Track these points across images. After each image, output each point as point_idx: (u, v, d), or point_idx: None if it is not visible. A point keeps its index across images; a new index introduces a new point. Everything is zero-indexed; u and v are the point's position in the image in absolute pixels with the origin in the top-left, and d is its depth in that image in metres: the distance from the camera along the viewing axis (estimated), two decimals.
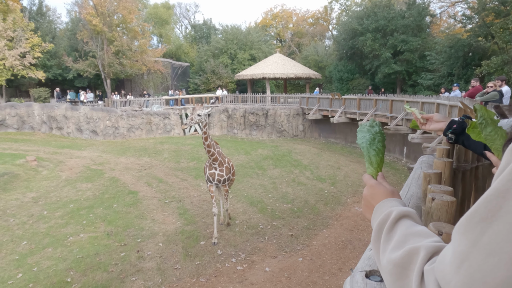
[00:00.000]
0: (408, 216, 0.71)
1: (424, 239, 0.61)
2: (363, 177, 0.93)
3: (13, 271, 6.34)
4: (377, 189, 0.85)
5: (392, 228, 0.68)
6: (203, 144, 6.88)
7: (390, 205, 0.77)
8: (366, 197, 0.87)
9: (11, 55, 23.68)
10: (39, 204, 9.81)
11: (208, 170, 7.26)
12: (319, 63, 34.72)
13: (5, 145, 17.43)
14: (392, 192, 0.84)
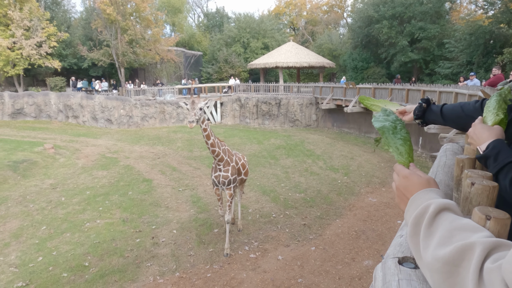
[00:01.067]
0: (449, 209, 0.66)
1: (473, 234, 0.57)
2: (395, 167, 0.88)
3: (34, 254, 6.55)
4: (411, 180, 0.80)
5: (432, 222, 0.64)
6: (206, 143, 5.84)
7: (427, 197, 0.72)
8: (400, 188, 0.82)
9: (28, 45, 24.06)
10: (57, 190, 10.06)
11: (213, 173, 6.31)
12: (333, 52, 34.14)
13: (24, 133, 17.86)
14: (428, 181, 0.78)
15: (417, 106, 1.47)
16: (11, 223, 7.90)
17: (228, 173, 6.19)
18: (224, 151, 6.14)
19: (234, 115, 24.22)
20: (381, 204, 9.24)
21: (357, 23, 28.59)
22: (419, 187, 0.77)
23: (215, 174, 6.24)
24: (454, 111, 1.33)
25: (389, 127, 0.94)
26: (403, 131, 0.95)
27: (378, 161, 13.58)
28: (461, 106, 1.32)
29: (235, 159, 6.46)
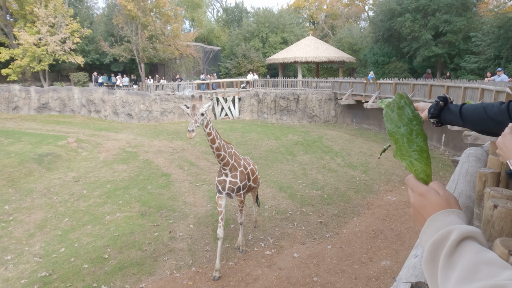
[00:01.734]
0: (473, 238, 0.58)
1: (502, 271, 0.50)
2: (407, 180, 0.77)
3: (57, 245, 6.78)
4: (428, 198, 0.71)
5: (453, 251, 0.57)
6: (211, 148, 5.37)
7: (448, 221, 0.64)
8: (415, 207, 0.73)
9: (53, 41, 24.75)
10: (79, 183, 10.36)
11: (217, 176, 5.77)
12: (354, 46, 33.46)
13: (49, 127, 18.46)
14: (448, 201, 0.70)
15: (433, 104, 1.37)
16: (36, 214, 8.20)
17: (237, 179, 5.64)
18: (230, 155, 5.58)
19: (252, 110, 24.20)
20: (401, 203, 9.03)
21: (378, 16, 27.88)
22: (438, 207, 0.69)
23: (219, 178, 5.67)
24: (475, 112, 1.23)
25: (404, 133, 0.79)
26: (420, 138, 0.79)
27: None
28: (483, 107, 1.21)
29: (243, 163, 5.92)
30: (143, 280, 5.66)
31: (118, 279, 5.66)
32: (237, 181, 5.65)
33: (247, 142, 15.89)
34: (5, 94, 22.14)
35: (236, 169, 5.68)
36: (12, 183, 10.05)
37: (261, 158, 13.30)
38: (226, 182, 5.63)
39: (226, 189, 5.66)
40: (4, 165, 10.92)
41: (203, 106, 4.97)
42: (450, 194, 0.72)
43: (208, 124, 5.21)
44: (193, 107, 4.87)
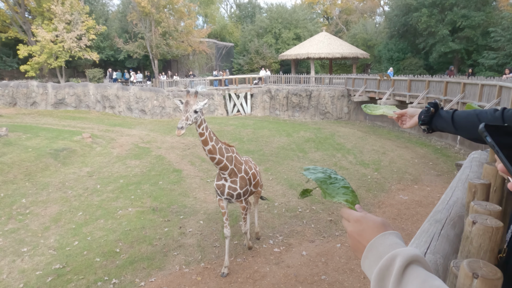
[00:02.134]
0: (418, 262, 0.57)
1: None
2: (342, 212, 0.79)
3: (70, 238, 6.96)
4: (365, 223, 0.71)
5: (400, 279, 0.56)
6: (203, 149, 4.98)
7: (388, 244, 0.63)
8: (353, 234, 0.73)
9: (69, 38, 25.24)
10: (93, 178, 10.58)
11: (216, 180, 5.43)
12: (368, 42, 32.96)
13: (65, 122, 18.88)
14: (383, 223, 0.70)
15: (423, 110, 1.33)
16: (51, 208, 8.42)
17: (237, 185, 5.27)
18: (229, 159, 5.13)
19: (264, 107, 24.17)
20: (413, 202, 8.90)
21: (394, 11, 27.37)
22: (375, 230, 0.68)
23: (218, 182, 5.32)
24: (468, 120, 1.19)
25: (323, 177, 0.90)
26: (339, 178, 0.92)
27: (412, 156, 13.06)
28: (477, 114, 1.17)
29: (245, 168, 5.44)
30: (153, 274, 5.76)
31: (129, 273, 5.78)
32: (236, 188, 5.27)
33: (259, 139, 15.89)
34: (23, 90, 22.72)
35: (236, 175, 5.28)
36: (29, 177, 10.34)
37: (272, 155, 13.29)
38: (225, 187, 5.26)
39: (225, 194, 5.33)
40: (22, 159, 11.23)
41: (197, 103, 4.62)
42: (383, 218, 0.73)
43: (201, 123, 4.81)
44: (186, 103, 4.53)
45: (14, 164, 10.80)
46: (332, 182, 0.89)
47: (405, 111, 1.38)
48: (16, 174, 10.30)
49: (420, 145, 14.96)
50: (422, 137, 16.43)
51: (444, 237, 0.71)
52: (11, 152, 11.58)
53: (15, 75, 29.08)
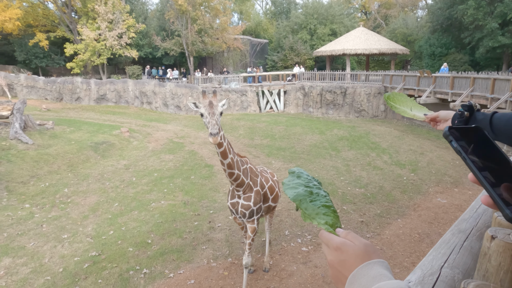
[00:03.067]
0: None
1: None
2: (320, 235, 0.71)
3: (106, 228, 7.29)
4: (346, 251, 0.63)
5: None
6: (221, 164, 4.15)
7: (372, 276, 0.56)
8: (334, 265, 0.65)
9: (111, 36, 26.42)
10: (129, 171, 11.02)
11: (229, 198, 4.67)
12: (408, 37, 31.56)
13: (105, 117, 19.81)
14: (366, 250, 0.62)
15: (456, 113, 1.17)
16: (90, 198, 8.88)
17: (250, 201, 4.51)
18: (245, 173, 4.41)
19: (297, 104, 23.93)
20: (452, 206, 8.42)
21: (437, 4, 25.95)
22: (357, 260, 0.61)
23: (232, 200, 4.60)
24: (509, 123, 1.00)
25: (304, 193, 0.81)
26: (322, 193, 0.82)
27: (453, 158, 12.35)
28: None
29: (261, 181, 4.73)
30: (182, 266, 5.90)
31: (159, 264, 5.96)
32: (250, 204, 4.51)
33: (291, 136, 15.76)
34: (69, 86, 24.12)
35: (252, 189, 4.55)
36: (71, 168, 10.97)
37: (303, 153, 13.13)
38: (238, 205, 4.54)
39: (239, 213, 4.60)
40: (66, 151, 11.93)
41: (218, 105, 3.85)
42: (366, 242, 0.65)
43: (220, 131, 3.82)
44: (210, 104, 3.71)
45: (59, 155, 11.49)
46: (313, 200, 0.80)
47: (436, 114, 1.23)
48: (60, 165, 10.97)
49: None
50: None
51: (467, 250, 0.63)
52: (56, 144, 12.33)
53: (62, 72, 30.96)
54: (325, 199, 0.81)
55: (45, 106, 20.86)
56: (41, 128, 13.42)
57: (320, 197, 0.81)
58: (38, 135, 12.65)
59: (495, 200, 0.51)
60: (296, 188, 0.84)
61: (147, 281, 5.52)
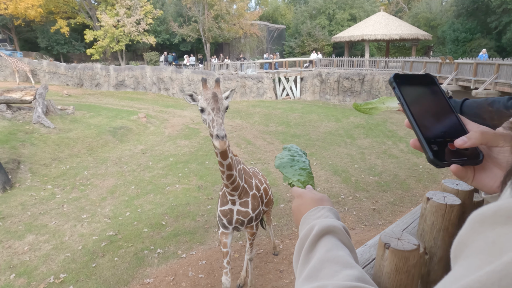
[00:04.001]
0: (333, 232, 0.58)
1: (342, 270, 0.50)
2: (291, 190, 0.84)
3: (123, 209, 7.56)
4: (304, 197, 0.74)
5: (313, 247, 0.57)
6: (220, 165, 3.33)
7: (317, 216, 0.65)
8: (294, 209, 0.76)
9: (129, 22, 26.67)
10: (146, 155, 11.29)
11: (219, 205, 3.81)
12: (431, 22, 30.42)
13: (124, 102, 20.20)
14: (321, 199, 0.72)
15: None
16: (109, 181, 9.18)
17: (248, 207, 3.71)
18: (240, 174, 3.58)
19: (314, 91, 23.67)
20: None
21: None
22: (311, 204, 0.71)
23: (223, 207, 3.74)
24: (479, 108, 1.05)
25: (287, 161, 0.94)
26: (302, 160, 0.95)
27: None
28: (489, 103, 1.04)
29: (256, 183, 3.95)
30: (194, 248, 6.08)
31: (172, 245, 6.16)
32: (248, 211, 3.71)
33: (306, 123, 15.69)
34: (89, 72, 24.62)
35: (247, 193, 3.74)
36: (91, 151, 11.33)
37: (318, 140, 13.07)
38: (233, 212, 3.72)
39: (234, 222, 3.77)
40: (85, 135, 12.31)
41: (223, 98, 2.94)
42: (324, 194, 0.76)
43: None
44: (214, 97, 2.78)
45: (79, 139, 11.87)
46: (293, 165, 0.93)
47: None
48: (80, 149, 11.34)
49: None
50: None
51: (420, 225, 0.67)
52: (77, 128, 12.73)
53: (82, 58, 31.60)
54: (303, 164, 0.93)
55: (66, 92, 21.44)
56: (62, 113, 13.85)
57: (299, 163, 0.93)
58: (59, 120, 13.07)
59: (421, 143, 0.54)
60: (282, 158, 0.98)
61: (160, 260, 5.73)
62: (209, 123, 2.79)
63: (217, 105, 2.77)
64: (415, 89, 0.60)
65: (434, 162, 0.52)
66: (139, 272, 5.44)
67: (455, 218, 0.61)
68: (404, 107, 0.58)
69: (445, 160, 0.52)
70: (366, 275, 0.50)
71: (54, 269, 5.47)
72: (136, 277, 5.33)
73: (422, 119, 0.56)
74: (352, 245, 0.60)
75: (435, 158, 0.52)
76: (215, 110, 2.75)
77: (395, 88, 0.60)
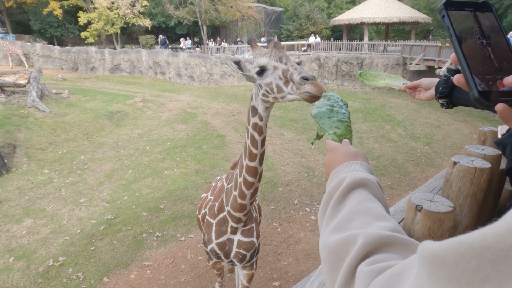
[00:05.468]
0: (365, 185, 0.54)
1: (375, 222, 0.45)
2: (326, 144, 0.78)
3: (121, 193, 7.54)
4: (337, 151, 0.70)
5: (342, 199, 0.53)
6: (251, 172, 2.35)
7: (349, 169, 0.60)
8: (326, 163, 0.72)
9: (124, 4, 26.07)
10: (143, 140, 11.21)
11: (214, 236, 2.71)
12: (432, 4, 29.98)
13: (120, 86, 19.96)
14: (356, 154, 0.68)
15: (441, 79, 1.07)
16: (106, 165, 9.13)
17: (253, 236, 2.72)
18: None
19: None
20: None
21: None
22: (344, 158, 0.66)
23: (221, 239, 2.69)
24: None
25: (325, 111, 0.86)
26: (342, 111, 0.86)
27: (470, 131, 12.03)
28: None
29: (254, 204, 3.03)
30: (192, 231, 6.10)
31: (171, 228, 6.17)
32: (253, 241, 2.72)
33: (304, 108, 15.60)
34: (84, 55, 24.22)
35: (251, 216, 2.77)
36: (87, 136, 11.23)
37: (316, 124, 12.96)
38: (233, 244, 2.70)
39: (232, 257, 2.77)
40: (82, 120, 12.18)
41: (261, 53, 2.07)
42: (359, 150, 0.71)
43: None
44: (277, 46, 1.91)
45: (75, 124, 11.75)
46: (331, 116, 0.85)
47: (418, 82, 1.12)
48: (76, 133, 11.23)
49: (482, 119, 13.70)
50: (485, 112, 14.99)
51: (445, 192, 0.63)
52: (72, 113, 12.58)
53: (76, 42, 31.03)
54: (342, 116, 0.86)
55: (61, 76, 21.12)
56: (58, 97, 13.67)
57: (338, 114, 0.87)
58: (54, 104, 12.90)
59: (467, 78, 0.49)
60: (321, 107, 0.92)
61: (159, 243, 5.75)
62: (278, 83, 1.80)
63: (284, 53, 1.86)
64: (467, 19, 0.53)
65: (479, 100, 0.47)
66: (138, 255, 5.46)
67: (485, 183, 0.57)
68: (453, 39, 0.52)
69: (491, 99, 0.47)
70: (401, 228, 0.46)
71: (53, 252, 5.48)
72: (135, 260, 5.35)
73: (471, 53, 0.50)
74: (385, 200, 0.56)
75: (480, 96, 0.47)
76: (284, 59, 1.81)
77: (445, 17, 0.54)
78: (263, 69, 1.87)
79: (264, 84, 1.91)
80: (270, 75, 1.87)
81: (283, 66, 1.80)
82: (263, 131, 2.21)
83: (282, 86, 1.80)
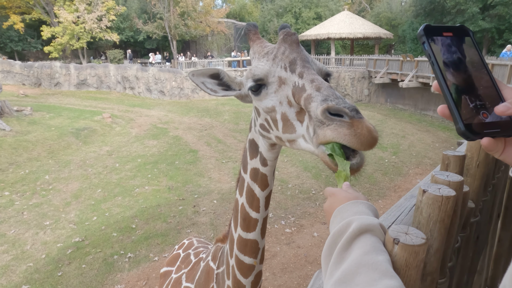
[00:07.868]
0: (372, 231, 0.54)
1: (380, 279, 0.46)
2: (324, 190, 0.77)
3: (90, 214, 7.24)
4: (337, 195, 0.69)
5: (348, 246, 0.53)
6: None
7: (354, 211, 0.60)
8: (326, 208, 0.71)
9: (90, 19, 25.53)
10: (112, 157, 10.88)
11: None
12: (392, 21, 31.69)
13: (86, 102, 19.34)
14: (356, 196, 0.68)
15: None
16: (73, 184, 8.75)
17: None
18: None
19: None
20: None
21: None
22: (345, 200, 0.66)
23: None
24: None
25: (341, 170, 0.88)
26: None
27: (433, 140, 12.68)
28: None
29: None
30: (167, 250, 5.94)
31: (144, 248, 5.98)
32: None
33: None
34: (47, 70, 23.32)
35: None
36: (52, 154, 10.74)
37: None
38: None
39: None
40: (46, 138, 11.65)
41: None
42: (360, 193, 0.71)
43: None
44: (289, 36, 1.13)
45: (38, 142, 11.22)
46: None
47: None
48: (40, 152, 10.72)
49: (443, 129, 14.48)
50: (446, 121, 15.87)
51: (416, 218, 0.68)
52: (35, 130, 12.02)
53: (39, 56, 29.88)
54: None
55: (23, 92, 20.18)
56: (19, 114, 13.04)
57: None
58: (15, 122, 12.29)
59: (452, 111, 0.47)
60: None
61: (131, 265, 5.55)
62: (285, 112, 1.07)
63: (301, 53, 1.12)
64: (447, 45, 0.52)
65: (465, 134, 0.46)
66: (109, 279, 5.23)
67: (451, 209, 0.62)
68: (435, 68, 0.50)
69: (477, 132, 0.46)
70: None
71: (15, 281, 5.14)
72: (106, 284, 5.12)
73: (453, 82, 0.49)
74: None
75: (466, 130, 0.46)
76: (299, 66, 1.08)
77: (425, 43, 0.51)
78: (261, 83, 1.10)
79: (262, 109, 1.12)
80: (272, 95, 1.08)
81: (297, 79, 1.03)
82: (269, 182, 1.34)
83: (293, 120, 1.02)
